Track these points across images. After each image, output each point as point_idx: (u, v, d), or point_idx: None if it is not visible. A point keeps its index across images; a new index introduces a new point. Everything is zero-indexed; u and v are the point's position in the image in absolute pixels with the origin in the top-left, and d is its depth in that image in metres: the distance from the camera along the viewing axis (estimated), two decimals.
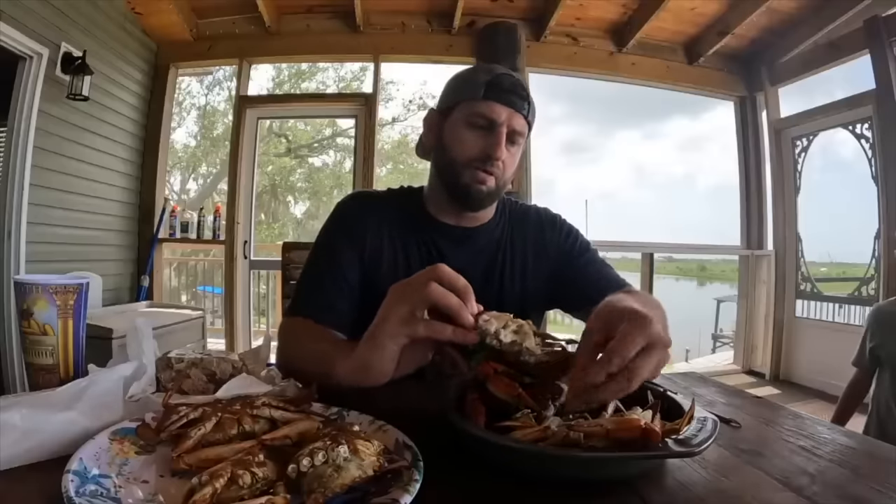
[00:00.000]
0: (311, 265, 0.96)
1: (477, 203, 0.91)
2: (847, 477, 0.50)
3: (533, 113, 0.92)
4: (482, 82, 0.87)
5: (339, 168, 8.48)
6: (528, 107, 0.90)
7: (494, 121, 0.87)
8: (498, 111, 0.86)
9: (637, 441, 0.45)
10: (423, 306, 0.59)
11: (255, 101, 3.88)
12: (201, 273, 5.61)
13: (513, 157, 0.91)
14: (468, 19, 3.62)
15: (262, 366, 0.72)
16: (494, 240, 0.98)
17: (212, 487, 0.38)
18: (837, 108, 3.62)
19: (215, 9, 3.60)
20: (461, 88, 0.91)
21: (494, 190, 0.90)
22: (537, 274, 0.98)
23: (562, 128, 18.27)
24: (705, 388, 0.84)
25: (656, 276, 4.08)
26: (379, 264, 0.94)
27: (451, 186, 0.91)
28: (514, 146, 0.90)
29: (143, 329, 0.64)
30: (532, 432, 0.48)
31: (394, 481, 0.42)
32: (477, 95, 0.87)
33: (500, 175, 0.90)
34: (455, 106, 0.91)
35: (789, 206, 3.98)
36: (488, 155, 0.86)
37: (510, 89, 0.88)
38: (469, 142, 0.88)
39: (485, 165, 0.87)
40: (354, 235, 0.94)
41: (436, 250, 0.95)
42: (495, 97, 0.87)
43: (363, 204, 0.99)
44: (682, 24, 3.74)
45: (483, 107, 0.87)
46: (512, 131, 0.88)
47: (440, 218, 0.96)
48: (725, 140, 4.33)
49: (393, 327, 0.61)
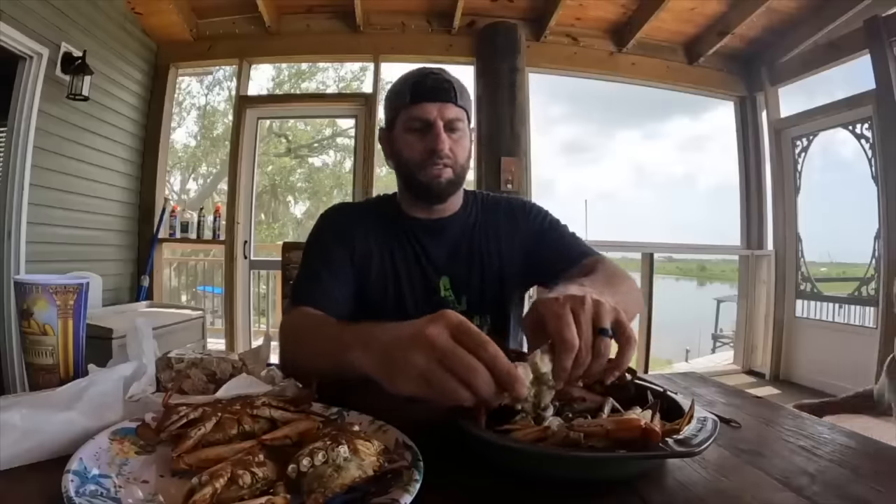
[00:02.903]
0: (305, 265, 0.99)
1: (442, 194, 0.97)
2: (847, 477, 0.50)
3: (463, 97, 0.96)
4: (407, 89, 0.94)
5: (339, 168, 8.49)
6: (456, 93, 0.94)
7: (427, 119, 0.93)
8: (428, 109, 0.92)
9: (637, 441, 0.45)
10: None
11: (255, 101, 3.88)
12: (201, 273, 5.61)
13: (460, 143, 0.96)
14: (468, 19, 3.62)
15: (262, 366, 0.72)
16: (469, 226, 1.03)
17: (212, 487, 0.38)
18: (837, 108, 3.61)
19: (215, 9, 3.60)
20: (393, 100, 0.98)
21: (454, 178, 0.96)
22: (511, 255, 1.02)
23: (562, 128, 18.25)
24: (705, 388, 0.84)
25: (656, 276, 4.08)
26: (368, 269, 0.98)
27: (414, 187, 0.98)
28: (455, 133, 0.95)
29: (143, 329, 0.64)
30: (532, 432, 0.48)
31: (394, 481, 0.42)
32: (406, 102, 0.94)
33: (454, 163, 0.95)
34: (395, 118, 0.97)
35: (789, 206, 3.98)
36: (433, 150, 0.92)
37: (434, 86, 0.93)
38: (414, 145, 0.94)
39: (434, 160, 0.93)
40: (344, 239, 0.99)
41: (416, 242, 1.00)
42: (422, 98, 0.93)
43: (348, 214, 1.06)
44: (682, 24, 3.74)
45: (414, 110, 0.93)
46: (448, 122, 0.93)
47: (414, 214, 1.02)
48: (725, 140, 4.33)
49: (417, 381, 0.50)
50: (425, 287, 0.98)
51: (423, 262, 0.99)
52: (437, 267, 0.99)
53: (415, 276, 0.98)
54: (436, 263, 0.99)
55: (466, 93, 0.98)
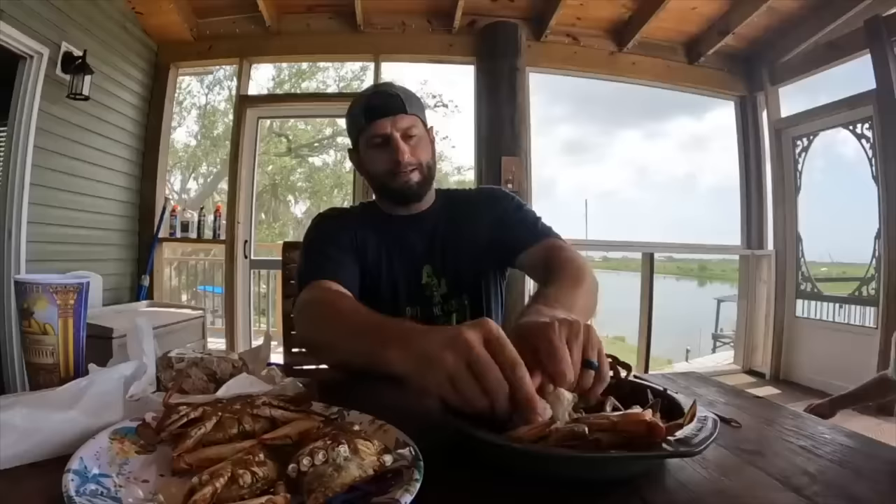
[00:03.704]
0: (310, 251, 1.04)
1: (415, 196, 1.05)
2: (847, 477, 0.50)
3: (413, 104, 1.02)
4: (360, 111, 1.01)
5: (339, 168, 8.49)
6: (404, 103, 1.00)
7: (385, 134, 1.00)
8: (382, 125, 1.00)
9: (642, 436, 0.45)
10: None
11: (255, 101, 3.88)
12: (201, 273, 5.62)
13: (419, 147, 1.03)
14: (468, 19, 3.62)
15: (262, 366, 0.72)
16: (443, 218, 1.11)
17: (212, 487, 0.38)
18: (838, 108, 3.61)
19: (215, 8, 3.60)
20: (352, 124, 1.06)
21: (422, 179, 1.04)
22: (482, 238, 1.08)
23: (562, 128, 18.24)
24: (705, 388, 0.84)
25: (656, 276, 4.07)
26: (365, 256, 1.05)
27: (389, 195, 1.06)
28: (412, 139, 1.02)
29: (143, 329, 0.63)
30: (537, 427, 0.48)
31: (394, 481, 0.42)
32: (362, 123, 1.01)
33: (419, 165, 1.02)
34: (358, 140, 1.05)
35: (789, 206, 3.97)
36: (397, 162, 1.00)
37: (382, 102, 1.01)
38: (378, 160, 1.02)
39: (399, 169, 1.00)
40: (343, 227, 1.07)
41: (400, 235, 1.08)
42: (374, 116, 1.00)
43: (340, 215, 1.13)
44: (683, 24, 3.74)
45: (371, 129, 1.01)
46: (403, 131, 1.00)
47: (393, 212, 1.10)
48: (726, 140, 4.33)
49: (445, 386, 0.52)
50: (412, 273, 1.07)
51: (408, 252, 1.07)
52: (419, 256, 1.07)
53: (403, 264, 1.07)
54: (418, 253, 1.07)
55: (415, 99, 1.05)
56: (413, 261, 1.07)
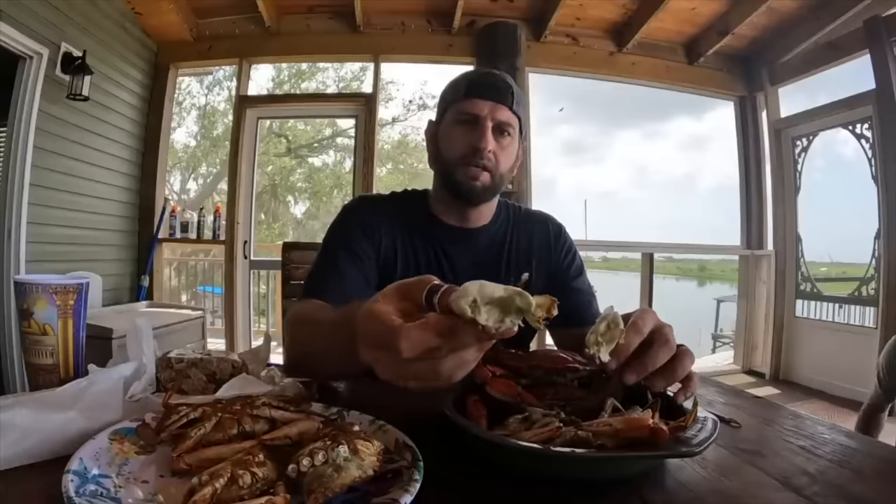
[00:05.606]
0: (325, 255, 0.95)
1: (474, 198, 0.94)
2: (847, 477, 0.50)
3: (520, 104, 0.94)
4: (464, 83, 0.93)
5: (339, 168, 8.48)
6: (512, 98, 0.92)
7: (477, 115, 0.90)
8: (479, 106, 0.90)
9: (645, 440, 0.45)
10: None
11: (255, 101, 3.88)
12: (201, 273, 5.61)
13: (506, 150, 0.93)
14: (468, 19, 3.62)
15: (262, 366, 0.72)
16: (497, 241, 1.00)
17: (212, 487, 0.38)
18: (837, 108, 3.62)
19: (215, 9, 3.60)
20: (448, 93, 0.96)
21: (490, 185, 0.93)
22: (537, 277, 0.99)
23: (562, 128, 18.24)
24: (705, 388, 0.84)
25: (656, 276, 4.07)
26: (394, 266, 0.95)
27: (449, 185, 0.94)
28: (504, 138, 0.93)
29: (143, 329, 0.63)
30: (543, 433, 0.48)
31: (394, 481, 0.42)
32: (461, 94, 0.92)
33: (494, 169, 0.92)
34: (446, 111, 0.96)
35: (789, 206, 3.98)
36: (476, 148, 0.90)
37: (491, 84, 0.92)
38: (457, 139, 0.92)
39: (475, 159, 0.90)
40: (368, 230, 0.96)
41: (441, 251, 0.97)
42: (476, 94, 0.91)
43: (373, 205, 1.01)
44: (682, 24, 3.74)
45: (466, 104, 0.91)
46: (498, 123, 0.91)
47: (443, 219, 0.99)
48: (725, 140, 4.33)
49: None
50: None
51: (447, 271, 0.96)
52: (461, 279, 0.95)
53: (457, 280, 0.95)
54: (459, 275, 0.95)
55: (525, 103, 0.96)
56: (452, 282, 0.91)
